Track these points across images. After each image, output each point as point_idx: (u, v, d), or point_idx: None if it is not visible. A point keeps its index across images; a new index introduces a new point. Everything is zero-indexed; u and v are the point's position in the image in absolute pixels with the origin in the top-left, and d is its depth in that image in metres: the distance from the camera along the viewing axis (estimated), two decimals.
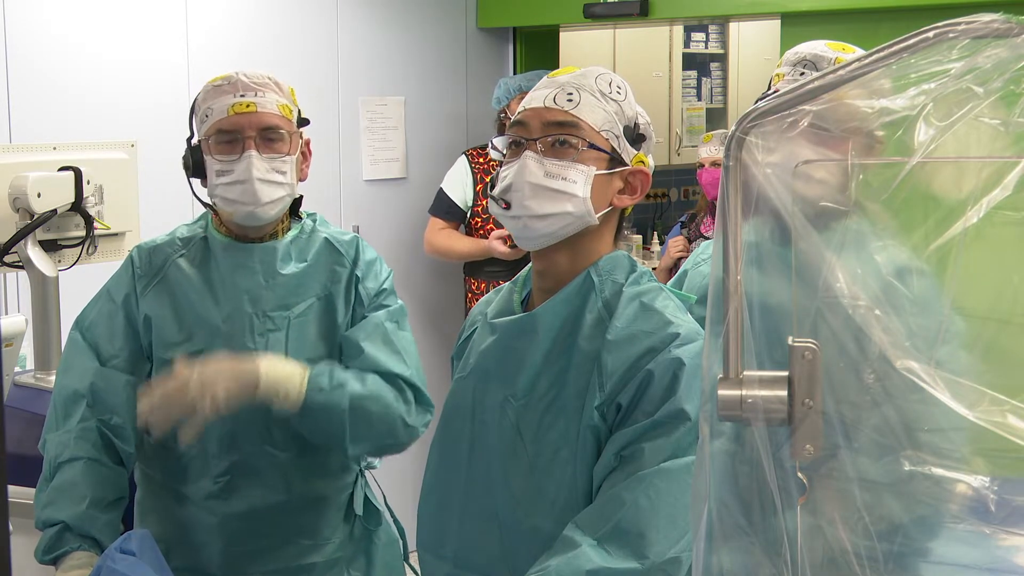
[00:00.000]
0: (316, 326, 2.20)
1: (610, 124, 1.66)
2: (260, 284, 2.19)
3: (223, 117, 2.14)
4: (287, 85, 2.24)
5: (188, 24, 3.99)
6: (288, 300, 2.20)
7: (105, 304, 2.23)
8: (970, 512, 1.01)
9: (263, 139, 2.14)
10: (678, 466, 1.54)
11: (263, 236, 2.22)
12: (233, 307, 2.18)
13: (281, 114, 2.17)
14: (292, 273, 2.21)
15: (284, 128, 2.17)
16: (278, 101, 2.17)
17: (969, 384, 0.96)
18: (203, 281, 2.20)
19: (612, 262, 1.70)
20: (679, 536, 1.52)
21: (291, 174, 2.17)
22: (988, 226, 0.98)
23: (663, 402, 1.56)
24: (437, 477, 1.80)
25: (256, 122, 2.13)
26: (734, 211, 0.97)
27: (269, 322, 2.18)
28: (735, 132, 0.98)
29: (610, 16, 4.50)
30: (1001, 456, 0.99)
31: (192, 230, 2.27)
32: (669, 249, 4.42)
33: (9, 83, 3.52)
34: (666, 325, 1.62)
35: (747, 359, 0.99)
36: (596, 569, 1.49)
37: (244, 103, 2.13)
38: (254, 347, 2.15)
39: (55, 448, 2.13)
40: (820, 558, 1.00)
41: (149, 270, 2.22)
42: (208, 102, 2.17)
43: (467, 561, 1.71)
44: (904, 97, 0.98)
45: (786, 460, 0.97)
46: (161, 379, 2.04)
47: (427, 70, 4.81)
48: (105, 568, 1.80)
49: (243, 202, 2.13)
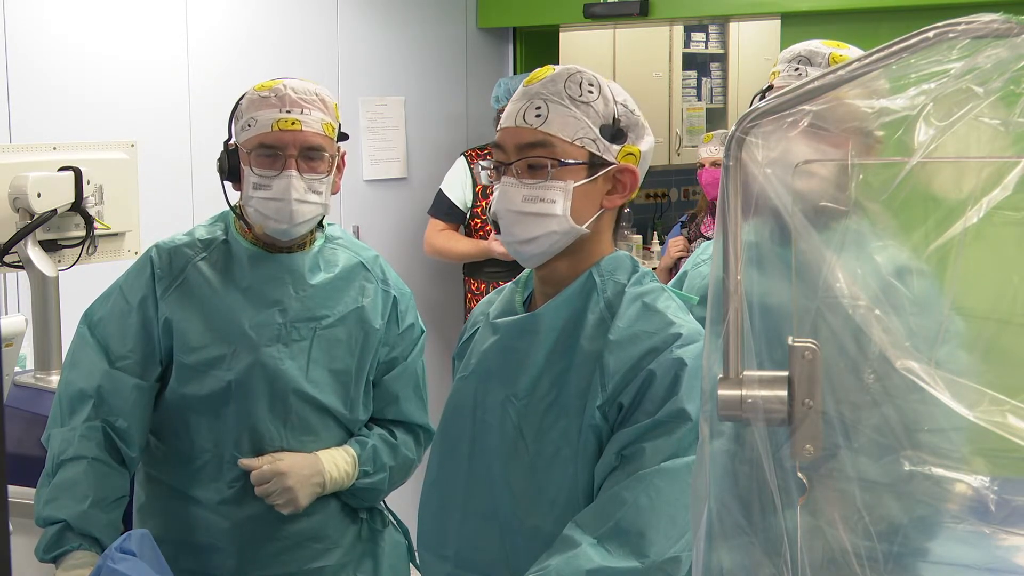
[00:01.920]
0: (346, 338, 2.22)
1: (583, 130, 1.64)
2: (290, 295, 2.19)
3: (267, 131, 2.11)
4: (332, 100, 2.21)
5: (188, 24, 3.99)
6: (316, 311, 2.20)
7: (118, 302, 2.21)
8: (970, 512, 1.01)
9: (304, 158, 2.12)
10: (678, 466, 1.54)
11: (291, 247, 2.21)
12: (263, 316, 2.17)
13: (324, 134, 2.14)
14: (321, 284, 2.21)
15: (326, 148, 2.15)
16: (323, 120, 2.14)
17: (969, 384, 0.96)
18: (230, 288, 2.18)
19: (614, 262, 1.70)
20: (679, 535, 1.53)
21: (326, 194, 2.16)
22: (988, 226, 0.98)
23: (664, 402, 1.56)
24: (438, 476, 1.80)
25: (300, 141, 2.11)
26: (734, 211, 0.97)
27: (296, 332, 2.18)
28: (735, 132, 0.98)
29: (610, 16, 4.50)
30: (1001, 456, 0.99)
31: (211, 231, 2.24)
32: (669, 249, 4.42)
33: (9, 83, 3.52)
34: (668, 326, 1.62)
35: (747, 359, 0.99)
36: (596, 568, 1.49)
37: (289, 120, 2.10)
38: (279, 356, 2.16)
39: (59, 445, 2.12)
40: (820, 558, 1.00)
41: (169, 272, 2.19)
42: (252, 112, 2.13)
43: (468, 561, 1.71)
44: (904, 97, 0.98)
45: (786, 460, 0.97)
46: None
47: (427, 70, 4.81)
48: (105, 568, 1.80)
49: (277, 220, 2.13)
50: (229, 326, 2.16)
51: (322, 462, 2.19)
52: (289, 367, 2.16)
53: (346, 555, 2.28)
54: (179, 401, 2.18)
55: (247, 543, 2.19)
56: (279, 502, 2.16)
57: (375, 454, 2.26)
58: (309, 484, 2.17)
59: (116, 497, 2.12)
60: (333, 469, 2.20)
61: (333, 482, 2.20)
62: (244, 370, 2.15)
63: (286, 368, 2.16)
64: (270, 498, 2.15)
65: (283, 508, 2.16)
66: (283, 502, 2.15)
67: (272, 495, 2.15)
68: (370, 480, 2.26)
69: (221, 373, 2.15)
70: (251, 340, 2.16)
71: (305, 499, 2.16)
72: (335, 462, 2.21)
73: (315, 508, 2.22)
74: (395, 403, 2.31)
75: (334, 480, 2.20)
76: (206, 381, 2.16)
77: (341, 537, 2.27)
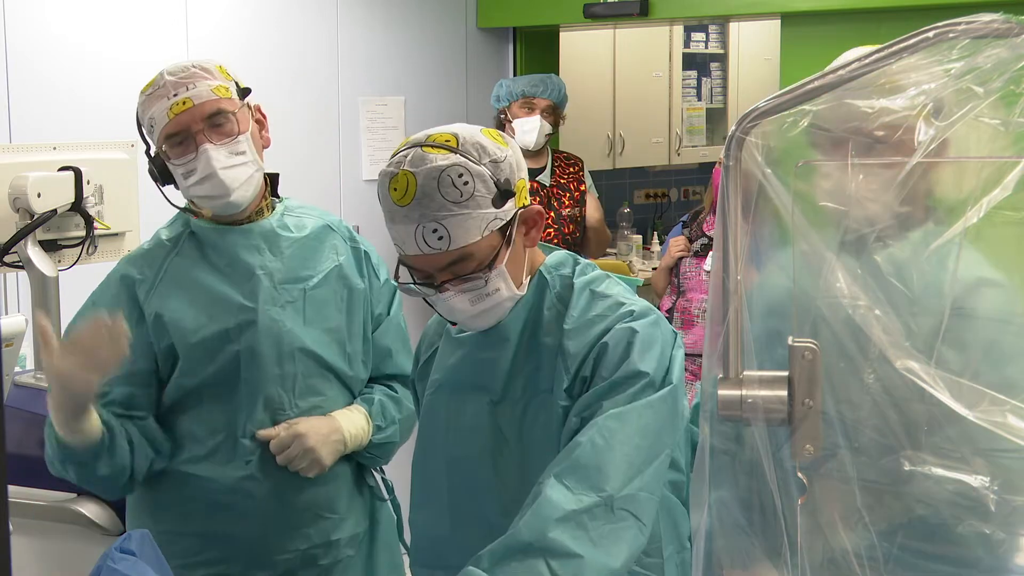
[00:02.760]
0: (333, 297, 2.25)
1: (483, 220, 1.63)
2: (269, 258, 2.21)
3: (166, 123, 2.14)
4: (213, 64, 2.21)
5: (188, 24, 3.99)
6: (299, 272, 2.23)
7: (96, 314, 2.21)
8: (970, 512, 1.01)
9: (211, 128, 2.14)
10: (631, 409, 1.58)
11: (250, 217, 2.24)
12: (251, 283, 2.19)
13: (219, 97, 2.15)
14: (295, 245, 2.24)
15: (227, 109, 2.15)
16: (211, 85, 2.15)
17: (969, 384, 0.96)
18: (210, 268, 2.21)
19: (556, 259, 1.76)
20: (635, 473, 1.56)
21: (251, 150, 2.17)
22: (988, 226, 0.98)
23: (619, 366, 1.61)
24: (421, 496, 1.84)
25: (198, 115, 2.13)
26: (734, 211, 0.97)
27: (286, 293, 2.21)
28: (735, 132, 0.98)
29: (610, 16, 4.50)
30: (1001, 456, 0.99)
31: (174, 230, 2.27)
32: (670, 248, 4.41)
33: (9, 83, 3.52)
34: (619, 306, 1.68)
35: (747, 359, 0.99)
36: (564, 516, 1.51)
37: (180, 101, 2.12)
38: (278, 318, 2.18)
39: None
40: (820, 558, 1.00)
41: (148, 273, 2.21)
42: (147, 113, 2.17)
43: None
44: (904, 97, 0.98)
45: (786, 460, 0.97)
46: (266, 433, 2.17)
47: (427, 70, 4.81)
48: (105, 568, 1.80)
49: (216, 195, 2.15)
50: (222, 302, 2.18)
51: (338, 420, 2.22)
52: (290, 326, 2.19)
53: (356, 527, 2.30)
54: (189, 388, 2.18)
55: (266, 519, 2.19)
56: (302, 465, 2.16)
57: (383, 408, 2.29)
58: (330, 442, 2.18)
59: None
60: (350, 425, 2.22)
61: (353, 438, 2.22)
62: (249, 337, 2.17)
63: (289, 328, 2.19)
64: (293, 463, 2.16)
65: (308, 471, 2.16)
66: (306, 464, 2.16)
67: (295, 459, 2.15)
68: (384, 435, 2.28)
69: (229, 346, 2.17)
70: (247, 308, 2.18)
71: (329, 457, 2.18)
72: (351, 419, 2.24)
73: (328, 477, 2.23)
74: (389, 356, 2.34)
75: (353, 436, 2.22)
76: (217, 357, 2.17)
77: (352, 507, 2.29)
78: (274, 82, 4.04)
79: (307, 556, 2.22)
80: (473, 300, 1.67)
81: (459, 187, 1.61)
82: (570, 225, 4.54)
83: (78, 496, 2.44)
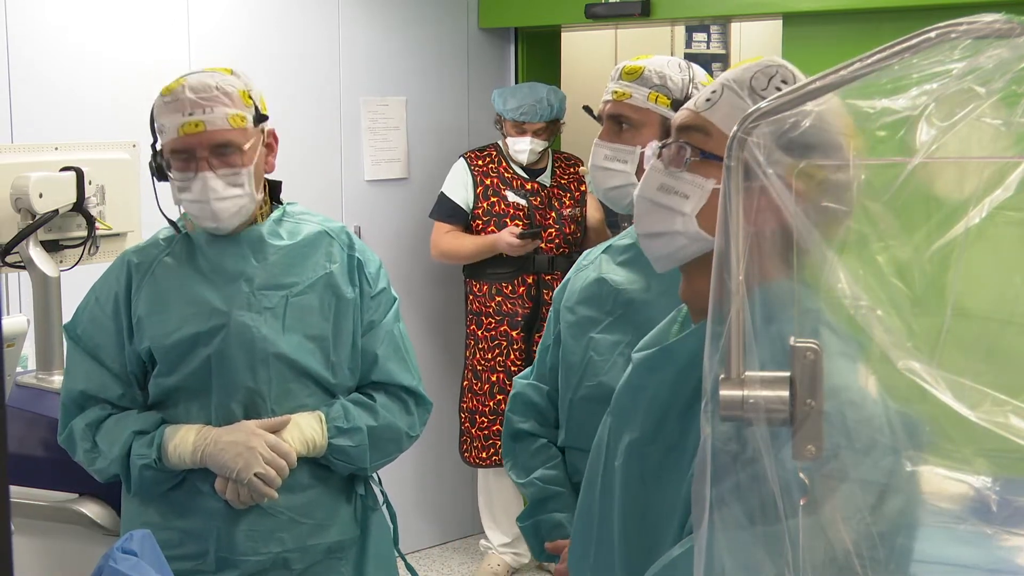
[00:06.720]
0: (319, 305, 2.25)
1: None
2: (253, 265, 2.23)
3: (175, 137, 2.14)
4: (238, 88, 2.18)
5: (189, 24, 3.99)
6: (282, 279, 2.24)
7: (94, 311, 2.29)
8: (972, 512, 1.00)
9: (216, 155, 2.14)
10: None
11: (242, 227, 2.25)
12: (229, 288, 2.21)
13: (232, 127, 2.14)
14: (282, 252, 2.24)
15: (236, 141, 2.15)
16: (228, 113, 2.13)
17: (971, 384, 0.96)
18: (194, 273, 2.24)
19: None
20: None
21: (249, 183, 2.17)
22: (990, 226, 0.98)
23: None
24: (577, 525, 1.64)
25: (206, 141, 2.13)
26: (735, 211, 0.97)
27: (265, 299, 2.21)
28: (736, 132, 0.98)
29: (612, 16, 4.50)
30: (1003, 456, 0.99)
31: (172, 231, 2.30)
32: None
33: (11, 83, 3.52)
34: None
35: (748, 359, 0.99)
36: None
37: (192, 123, 2.12)
38: (252, 324, 2.19)
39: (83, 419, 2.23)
40: (822, 558, 1.00)
41: (140, 269, 2.26)
42: (161, 118, 2.17)
43: None
44: (906, 97, 0.98)
45: (788, 460, 0.97)
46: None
47: (428, 70, 4.81)
48: (106, 568, 1.80)
49: (204, 218, 2.18)
50: (199, 306, 2.21)
51: (282, 430, 2.20)
52: (265, 332, 2.20)
53: (341, 534, 2.30)
54: (168, 388, 2.23)
55: (238, 520, 2.22)
56: (255, 495, 2.17)
57: (345, 411, 2.25)
58: (245, 449, 2.14)
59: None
60: (296, 437, 2.20)
61: (305, 442, 2.20)
62: (220, 341, 2.19)
63: (263, 334, 2.20)
64: (253, 495, 2.17)
65: (263, 492, 2.16)
66: (256, 492, 2.16)
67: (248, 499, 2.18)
68: (348, 440, 2.24)
69: (200, 350, 2.19)
70: (222, 312, 2.20)
71: (259, 465, 2.14)
72: (300, 423, 2.22)
73: (305, 483, 2.24)
74: (375, 363, 2.31)
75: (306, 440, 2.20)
76: (188, 360, 2.20)
77: (335, 515, 2.29)
78: (275, 82, 4.04)
79: (279, 560, 2.24)
80: (664, 186, 1.42)
81: (771, 85, 1.38)
82: (571, 225, 4.54)
83: (79, 496, 2.45)
